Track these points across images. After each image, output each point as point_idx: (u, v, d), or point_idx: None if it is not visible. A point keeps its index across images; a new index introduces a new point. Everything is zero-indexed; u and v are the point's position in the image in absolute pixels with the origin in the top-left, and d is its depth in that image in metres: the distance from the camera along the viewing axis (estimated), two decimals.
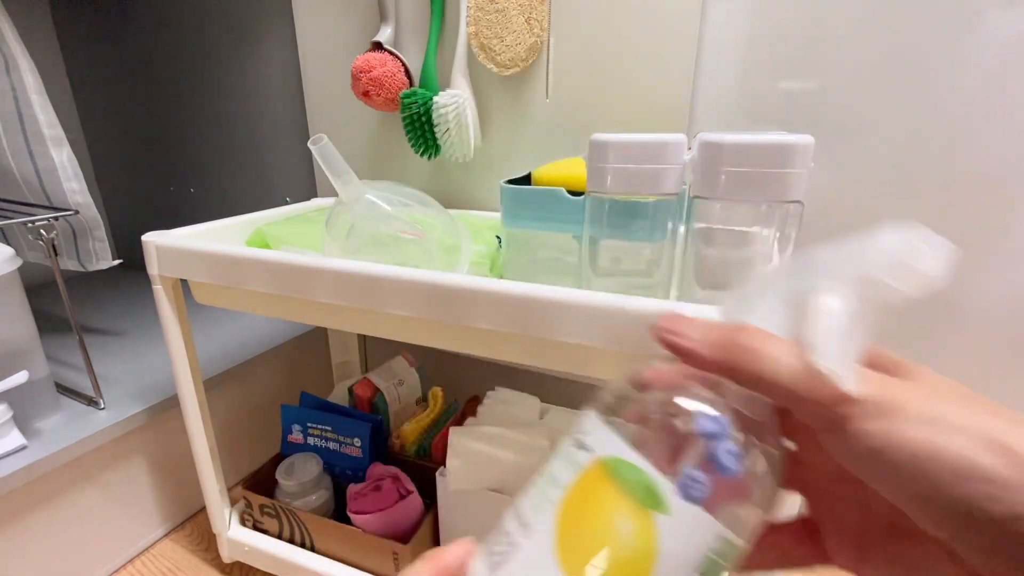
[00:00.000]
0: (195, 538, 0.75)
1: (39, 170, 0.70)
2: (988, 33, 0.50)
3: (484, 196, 0.76)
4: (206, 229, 0.58)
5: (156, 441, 0.72)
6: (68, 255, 0.79)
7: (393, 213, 0.49)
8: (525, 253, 0.48)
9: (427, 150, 0.72)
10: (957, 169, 0.53)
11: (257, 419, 0.85)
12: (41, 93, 0.67)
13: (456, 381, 0.92)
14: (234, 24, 0.93)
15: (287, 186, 0.98)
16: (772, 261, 0.35)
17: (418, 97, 0.68)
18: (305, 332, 0.92)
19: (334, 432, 0.69)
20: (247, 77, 0.95)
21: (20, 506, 0.59)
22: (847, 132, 0.57)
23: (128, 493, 0.70)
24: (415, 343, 0.48)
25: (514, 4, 0.63)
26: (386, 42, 0.71)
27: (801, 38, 0.56)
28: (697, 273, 0.37)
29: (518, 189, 0.46)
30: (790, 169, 0.32)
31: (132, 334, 0.91)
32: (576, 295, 0.36)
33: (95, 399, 0.68)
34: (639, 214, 0.38)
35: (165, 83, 1.05)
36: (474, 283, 0.39)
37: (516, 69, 0.66)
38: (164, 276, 0.53)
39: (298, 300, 0.48)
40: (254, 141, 0.99)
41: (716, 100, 0.61)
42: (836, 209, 0.59)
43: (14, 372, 0.58)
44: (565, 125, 0.68)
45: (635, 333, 0.34)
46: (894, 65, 0.53)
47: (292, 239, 0.57)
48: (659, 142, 0.35)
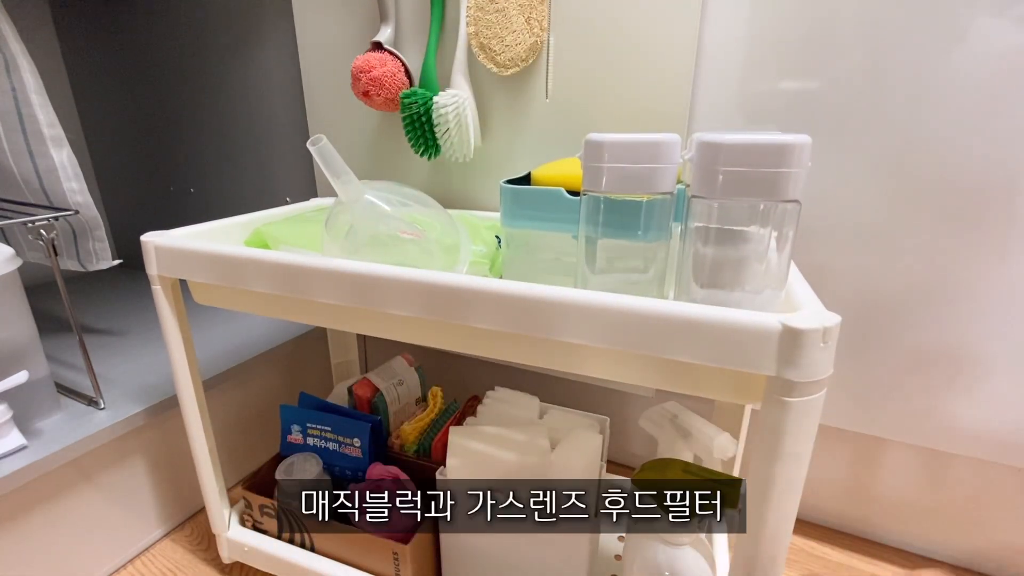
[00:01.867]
0: (195, 538, 0.75)
1: (39, 170, 0.70)
2: (988, 33, 0.50)
3: (484, 196, 0.76)
4: (206, 229, 0.58)
5: (156, 441, 0.72)
6: (68, 255, 0.79)
7: (392, 213, 0.49)
8: (525, 253, 0.48)
9: (427, 150, 0.72)
10: (955, 169, 0.53)
11: (257, 419, 0.85)
12: (41, 93, 0.67)
13: (456, 381, 0.93)
14: (234, 24, 0.93)
15: (287, 186, 0.98)
16: (770, 260, 0.35)
17: (418, 97, 0.68)
18: (304, 332, 0.92)
19: (333, 432, 0.69)
20: (247, 77, 0.95)
21: (20, 506, 0.59)
22: (846, 132, 0.57)
23: (128, 493, 0.70)
24: (415, 343, 0.48)
25: (514, 4, 0.63)
26: (386, 42, 0.71)
27: (801, 38, 0.56)
28: (695, 272, 0.37)
29: (518, 189, 0.46)
30: (787, 169, 0.32)
31: (132, 334, 0.91)
32: (576, 295, 0.36)
33: (95, 399, 0.68)
34: (634, 213, 0.38)
35: (165, 83, 1.05)
36: (474, 283, 0.39)
37: (516, 69, 0.66)
38: (163, 276, 0.53)
39: (297, 300, 0.48)
40: (254, 141, 0.99)
41: (716, 100, 0.61)
42: (834, 209, 0.59)
43: (14, 372, 0.58)
44: (565, 125, 0.68)
45: (635, 333, 0.34)
46: (893, 65, 0.53)
47: (291, 239, 0.57)
48: (654, 142, 0.35)
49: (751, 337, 0.31)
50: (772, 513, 0.34)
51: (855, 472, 0.71)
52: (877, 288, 0.60)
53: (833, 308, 0.32)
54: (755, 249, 0.35)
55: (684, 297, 0.39)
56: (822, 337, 0.30)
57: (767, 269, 0.35)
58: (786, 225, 0.34)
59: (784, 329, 0.30)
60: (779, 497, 0.34)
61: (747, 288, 0.36)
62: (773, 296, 0.36)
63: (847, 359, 0.63)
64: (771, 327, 0.31)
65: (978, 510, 0.66)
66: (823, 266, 0.61)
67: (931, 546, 0.70)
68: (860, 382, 0.64)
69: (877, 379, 0.63)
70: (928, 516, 0.69)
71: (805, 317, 0.31)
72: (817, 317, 0.31)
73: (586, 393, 0.84)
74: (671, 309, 0.33)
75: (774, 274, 0.36)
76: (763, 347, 0.31)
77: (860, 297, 0.61)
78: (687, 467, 0.44)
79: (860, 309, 0.61)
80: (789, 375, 0.31)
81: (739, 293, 0.36)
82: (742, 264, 0.36)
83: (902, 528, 0.71)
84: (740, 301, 0.36)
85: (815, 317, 0.31)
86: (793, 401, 0.31)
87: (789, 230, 0.34)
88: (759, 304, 0.36)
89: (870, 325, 0.61)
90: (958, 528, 0.67)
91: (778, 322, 0.30)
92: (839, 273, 0.61)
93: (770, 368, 0.31)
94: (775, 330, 0.30)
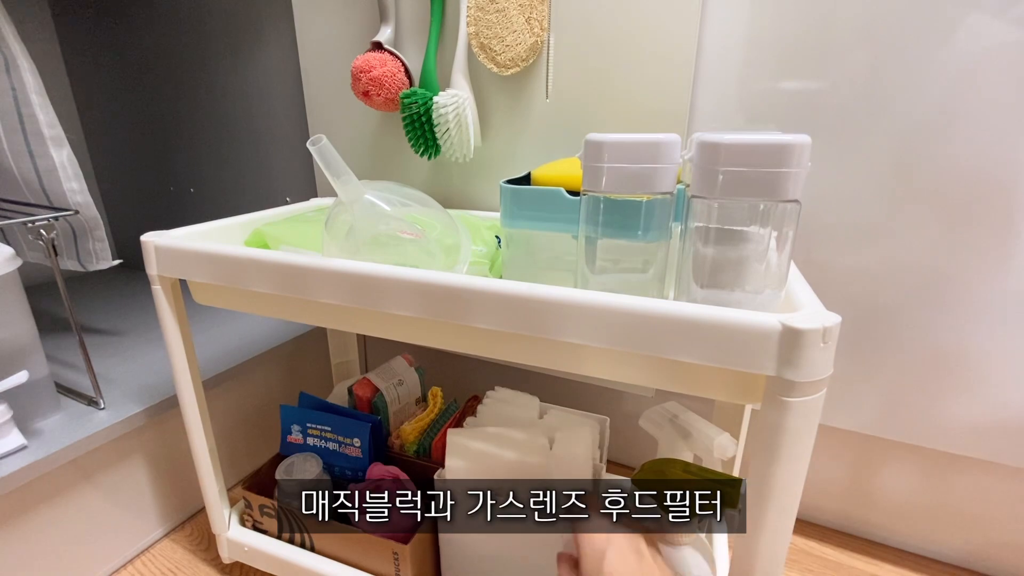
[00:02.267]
0: (195, 538, 0.75)
1: (39, 170, 0.70)
2: (988, 33, 0.50)
3: (484, 196, 0.76)
4: (205, 229, 0.58)
5: (156, 441, 0.72)
6: (68, 255, 0.79)
7: (392, 213, 0.49)
8: (525, 253, 0.48)
9: (427, 150, 0.72)
10: (955, 169, 0.53)
11: (257, 419, 0.85)
12: (41, 93, 0.67)
13: (456, 381, 0.93)
14: (234, 24, 0.93)
15: (287, 186, 0.98)
16: (770, 260, 0.35)
17: (418, 97, 0.68)
18: (304, 332, 0.92)
19: (333, 432, 0.69)
20: (247, 77, 0.95)
21: (20, 506, 0.59)
22: (846, 132, 0.57)
23: (128, 493, 0.70)
24: (415, 343, 0.48)
25: (514, 4, 0.63)
26: (386, 42, 0.71)
27: (801, 38, 0.56)
28: (695, 272, 0.37)
29: (518, 189, 0.46)
30: (787, 169, 0.32)
31: (132, 334, 0.91)
32: (576, 295, 0.36)
33: (95, 399, 0.68)
34: (634, 213, 0.38)
35: (165, 83, 1.05)
36: (474, 283, 0.39)
37: (516, 69, 0.66)
38: (163, 276, 0.53)
39: (297, 300, 0.48)
40: (254, 141, 0.99)
41: (716, 100, 0.61)
42: (834, 209, 0.59)
43: (14, 372, 0.58)
44: (565, 125, 0.68)
45: (635, 333, 0.34)
46: (893, 65, 0.53)
47: (291, 239, 0.57)
48: (653, 142, 0.35)
49: (751, 337, 0.31)
50: (772, 513, 0.34)
51: (855, 472, 0.71)
52: (877, 288, 0.60)
53: (833, 308, 0.32)
54: (755, 249, 0.35)
55: (684, 297, 0.39)
56: (822, 337, 0.30)
57: (767, 269, 0.35)
58: (786, 225, 0.34)
59: (784, 329, 0.30)
60: (779, 497, 0.34)
61: (747, 288, 0.36)
62: (773, 296, 0.36)
63: (847, 359, 0.63)
64: (771, 327, 0.31)
65: (978, 510, 0.66)
66: (823, 266, 0.61)
67: (931, 546, 0.70)
68: (860, 382, 0.64)
69: (877, 379, 0.63)
70: (928, 516, 0.69)
71: (805, 317, 0.31)
72: (817, 317, 0.31)
73: (586, 393, 0.84)
74: (671, 309, 0.33)
75: (774, 274, 0.36)
76: (763, 347, 0.31)
77: (860, 297, 0.61)
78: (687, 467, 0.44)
79: (860, 309, 0.61)
80: (789, 375, 0.31)
81: (739, 293, 0.36)
82: (742, 264, 0.36)
83: (902, 528, 0.71)
84: (740, 301, 0.36)
85: (815, 317, 0.31)
86: (793, 401, 0.31)
87: (789, 230, 0.34)
88: (759, 304, 0.36)
89: (870, 325, 0.61)
90: (958, 528, 0.67)
91: (778, 322, 0.30)
92: (839, 273, 0.61)
93: (770, 368, 0.31)
94: (775, 330, 0.30)
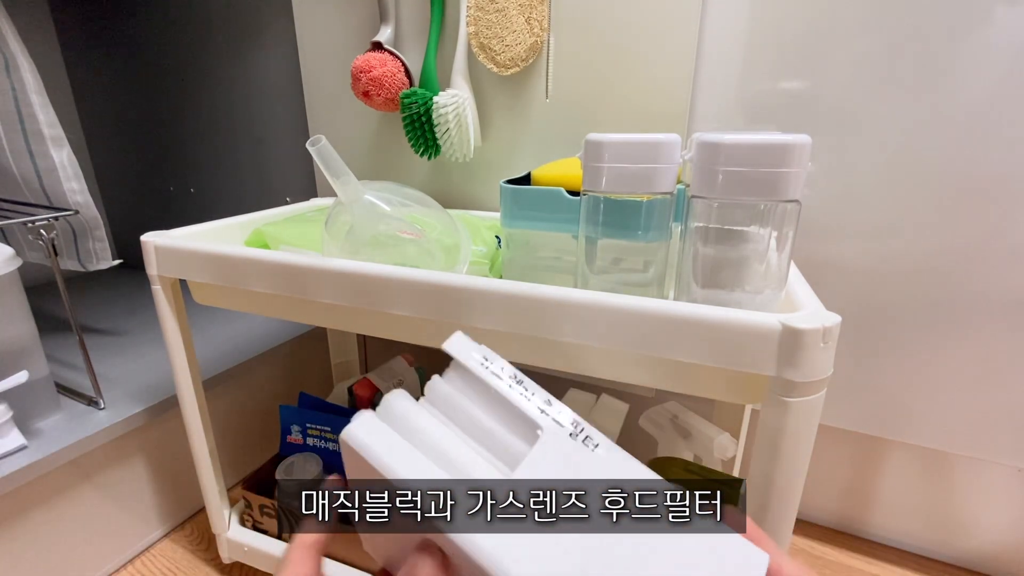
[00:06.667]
0: (195, 538, 0.75)
1: (39, 170, 0.70)
2: (988, 32, 0.50)
3: (484, 196, 0.76)
4: (206, 229, 0.58)
5: (156, 441, 0.72)
6: (68, 255, 0.79)
7: (392, 213, 0.49)
8: (525, 253, 0.48)
9: (427, 150, 0.72)
10: (956, 169, 0.53)
11: (257, 419, 0.85)
12: (41, 93, 0.67)
13: None
14: (234, 24, 0.93)
15: (287, 186, 0.98)
16: (770, 260, 0.35)
17: (418, 97, 0.68)
18: (304, 332, 0.92)
19: (333, 432, 0.69)
20: (247, 77, 0.95)
21: (20, 506, 0.59)
22: (846, 132, 0.57)
23: (128, 493, 0.70)
24: (415, 343, 0.47)
25: (514, 4, 0.63)
26: (386, 42, 0.71)
27: (801, 38, 0.56)
28: (695, 272, 0.37)
29: (518, 189, 0.46)
30: (787, 169, 0.32)
31: (132, 334, 0.91)
32: (576, 295, 0.36)
33: (95, 399, 0.68)
34: (634, 213, 0.38)
35: (165, 83, 1.05)
36: (474, 283, 0.39)
37: (516, 69, 0.66)
38: (163, 276, 0.53)
39: (297, 300, 0.48)
40: (254, 141, 0.99)
41: (716, 100, 0.61)
42: (834, 208, 0.59)
43: (14, 372, 0.58)
44: (565, 125, 0.68)
45: (635, 333, 0.34)
46: (893, 65, 0.53)
47: (291, 239, 0.57)
48: (653, 142, 0.35)
49: (751, 337, 0.31)
50: (772, 513, 0.34)
51: (855, 472, 0.71)
52: (877, 288, 0.60)
53: (833, 308, 0.32)
54: (755, 249, 0.35)
55: (684, 297, 0.38)
56: (822, 337, 0.30)
57: (767, 269, 0.35)
58: (786, 225, 0.34)
59: (784, 329, 0.30)
60: (779, 497, 0.34)
61: (747, 288, 0.36)
62: (773, 296, 0.36)
63: (847, 359, 0.63)
64: (771, 327, 0.31)
65: (978, 510, 0.66)
66: (823, 266, 0.61)
67: (931, 546, 0.70)
68: (860, 382, 0.64)
69: (877, 379, 0.63)
70: (928, 516, 0.69)
71: (805, 317, 0.31)
72: (817, 317, 0.31)
73: None
74: (671, 309, 0.33)
75: (774, 274, 0.36)
76: (763, 347, 0.31)
77: (860, 297, 0.61)
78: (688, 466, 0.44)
79: (860, 309, 0.61)
80: (789, 375, 0.31)
81: (739, 293, 0.36)
82: (742, 264, 0.36)
83: (902, 528, 0.71)
84: (740, 301, 0.36)
85: (815, 317, 0.31)
86: (793, 401, 0.31)
87: (789, 230, 0.34)
88: (759, 304, 0.36)
89: (870, 325, 0.61)
90: (958, 528, 0.67)
91: (778, 322, 0.30)
92: (839, 273, 0.61)
93: (770, 368, 0.31)
94: (775, 330, 0.30)
